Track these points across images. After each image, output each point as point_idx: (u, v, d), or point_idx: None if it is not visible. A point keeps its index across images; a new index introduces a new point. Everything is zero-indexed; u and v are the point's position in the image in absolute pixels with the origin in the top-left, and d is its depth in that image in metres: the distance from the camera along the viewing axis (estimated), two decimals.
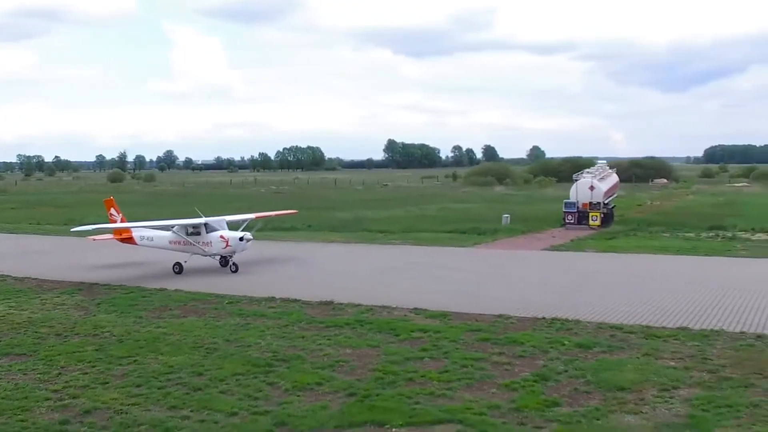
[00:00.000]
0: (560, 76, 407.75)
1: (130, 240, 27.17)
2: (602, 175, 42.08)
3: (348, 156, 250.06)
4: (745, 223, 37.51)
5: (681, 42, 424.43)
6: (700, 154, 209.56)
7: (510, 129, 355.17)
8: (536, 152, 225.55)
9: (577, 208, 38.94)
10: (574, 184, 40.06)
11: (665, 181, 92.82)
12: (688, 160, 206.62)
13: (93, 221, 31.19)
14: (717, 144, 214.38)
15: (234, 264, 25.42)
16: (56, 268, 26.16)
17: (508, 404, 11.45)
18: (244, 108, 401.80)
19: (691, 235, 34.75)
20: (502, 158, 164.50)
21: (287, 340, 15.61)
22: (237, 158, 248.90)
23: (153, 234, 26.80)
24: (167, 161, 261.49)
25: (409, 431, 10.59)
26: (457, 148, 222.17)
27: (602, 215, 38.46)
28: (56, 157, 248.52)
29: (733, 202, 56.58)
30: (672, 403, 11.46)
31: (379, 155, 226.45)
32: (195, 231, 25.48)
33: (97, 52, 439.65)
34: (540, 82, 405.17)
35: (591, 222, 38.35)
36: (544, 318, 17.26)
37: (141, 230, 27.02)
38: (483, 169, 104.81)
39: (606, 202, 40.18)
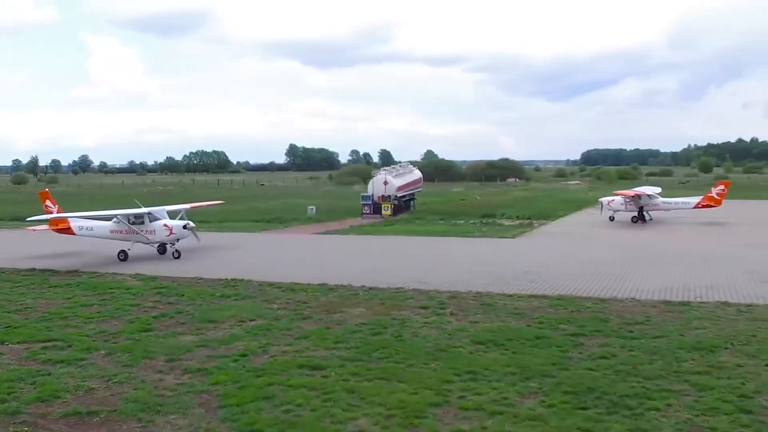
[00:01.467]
0: (455, 86, 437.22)
1: (67, 230, 27.39)
2: (399, 172, 47.03)
3: (256, 160, 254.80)
4: (515, 212, 43.18)
5: (563, 56, 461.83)
6: (578, 157, 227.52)
7: (409, 134, 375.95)
8: (429, 155, 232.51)
9: (373, 200, 43.56)
10: (371, 180, 44.70)
11: (516, 179, 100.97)
12: (567, 162, 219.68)
13: None
14: (593, 148, 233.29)
15: (177, 251, 26.29)
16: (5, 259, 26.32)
17: None
18: (160, 115, 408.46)
19: (461, 222, 39.86)
20: (399, 161, 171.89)
21: None
22: (151, 162, 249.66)
23: (93, 224, 27.24)
24: (82, 165, 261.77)
25: None
26: (354, 152, 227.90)
27: (393, 206, 43.19)
28: None
29: (540, 196, 63.25)
30: (238, 327, 15.31)
31: (282, 159, 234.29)
32: (138, 220, 26.21)
33: (19, 60, 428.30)
34: (436, 92, 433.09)
35: (384, 212, 42.98)
36: (224, 279, 21.32)
37: (79, 221, 27.38)
38: (350, 170, 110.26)
39: (400, 195, 44.98)
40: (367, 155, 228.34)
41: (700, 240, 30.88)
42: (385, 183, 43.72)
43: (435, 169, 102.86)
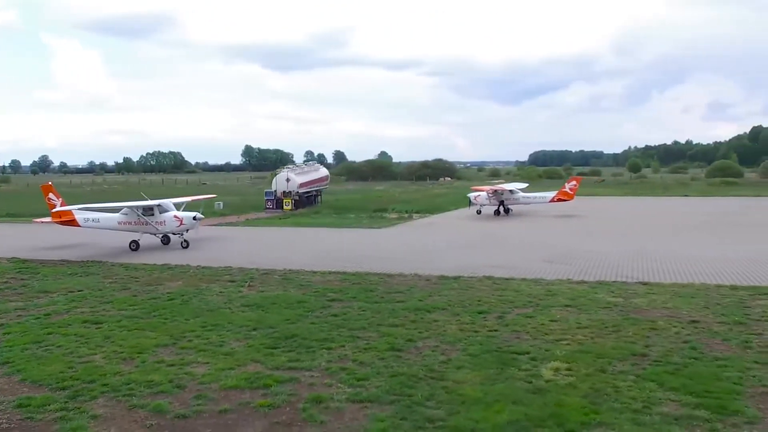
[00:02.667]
0: (410, 89, 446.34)
1: (72, 222, 27.73)
2: (303, 171, 50.00)
3: (215, 161, 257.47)
4: (407, 207, 46.34)
5: (514, 61, 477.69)
6: (526, 158, 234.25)
7: (365, 136, 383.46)
8: (383, 156, 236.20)
9: (275, 196, 46.31)
10: (275, 177, 47.49)
11: (449, 179, 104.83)
12: (516, 163, 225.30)
13: None
14: (540, 149, 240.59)
15: (185, 240, 27.51)
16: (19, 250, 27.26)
17: None
18: (122, 117, 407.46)
19: (352, 216, 42.79)
20: (353, 161, 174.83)
21: None
22: (111, 163, 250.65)
23: (99, 216, 27.87)
24: (42, 166, 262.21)
25: None
26: (309, 152, 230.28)
27: (294, 201, 45.97)
28: None
29: (451, 193, 66.39)
30: (63, 297, 17.84)
31: (239, 160, 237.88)
32: (149, 212, 27.19)
33: None
34: (392, 95, 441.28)
35: (285, 207, 45.73)
36: (83, 261, 23.79)
37: (84, 212, 28.02)
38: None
39: (303, 191, 47.80)
40: (321, 156, 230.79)
41: (535, 229, 34.22)
42: (288, 180, 46.53)
43: (372, 168, 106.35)
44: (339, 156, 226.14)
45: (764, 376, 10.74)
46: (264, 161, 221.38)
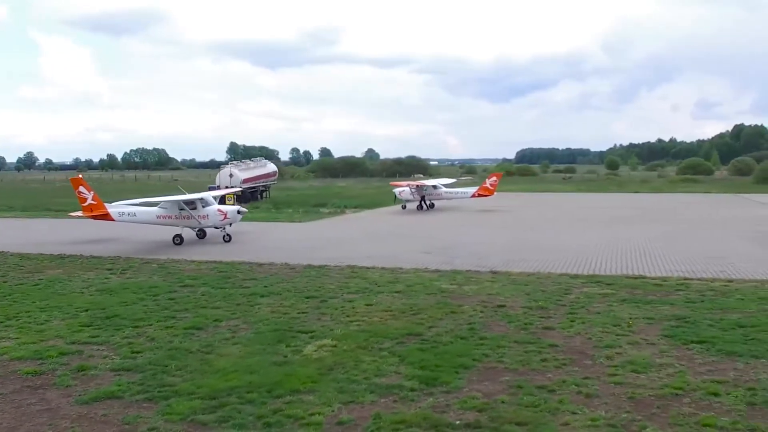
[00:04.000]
0: (400, 87, 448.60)
1: (106, 216, 27.02)
2: (249, 167, 50.99)
3: (202, 158, 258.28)
4: (346, 203, 47.36)
5: (504, 58, 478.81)
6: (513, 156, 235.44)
7: (354, 134, 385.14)
8: (371, 154, 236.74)
9: (218, 190, 47.18)
10: (219, 173, 48.42)
11: (421, 176, 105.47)
12: (503, 161, 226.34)
13: None
14: (527, 147, 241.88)
15: (228, 234, 27.48)
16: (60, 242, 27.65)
17: None
18: (110, 114, 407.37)
19: (290, 210, 43.73)
20: (327, 158, 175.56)
21: None
22: (97, 160, 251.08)
23: (135, 210, 27.47)
24: (27, 163, 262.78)
25: None
26: (295, 150, 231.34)
27: (236, 197, 46.78)
28: None
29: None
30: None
31: (224, 157, 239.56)
32: (192, 206, 26.91)
33: None
34: (382, 93, 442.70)
35: (227, 202, 46.48)
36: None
37: (120, 206, 27.68)
38: None
39: (246, 187, 48.68)
40: (307, 153, 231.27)
41: (443, 223, 35.33)
42: (231, 175, 47.51)
43: (345, 165, 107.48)
44: (325, 153, 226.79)
45: (508, 353, 11.56)
46: (249, 158, 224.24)
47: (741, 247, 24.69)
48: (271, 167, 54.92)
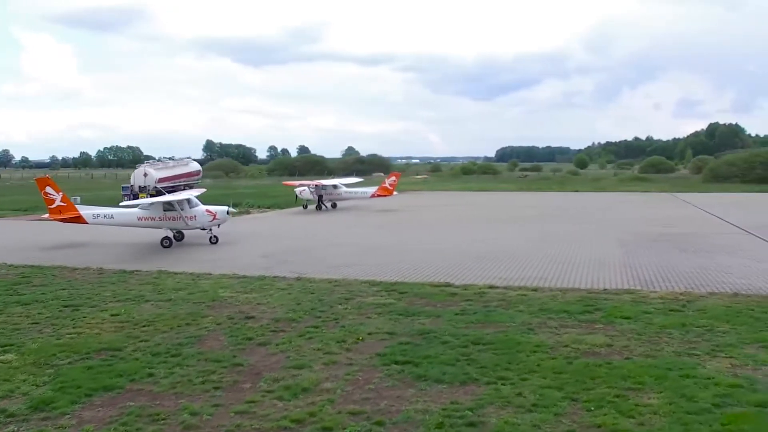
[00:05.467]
0: (383, 85, 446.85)
1: (77, 219, 25.24)
2: (167, 165, 49.84)
3: (183, 155, 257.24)
4: (261, 202, 46.42)
5: (487, 56, 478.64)
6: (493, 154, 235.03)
7: (337, 132, 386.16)
8: (350, 152, 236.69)
9: (131, 190, 46.10)
10: (134, 172, 47.27)
11: (382, 174, 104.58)
12: (485, 159, 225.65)
13: None
14: (507, 145, 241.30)
15: (215, 236, 25.95)
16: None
17: None
18: (92, 111, 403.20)
19: None
20: (287, 156, 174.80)
21: None
22: (76, 157, 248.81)
23: (112, 211, 25.85)
24: (2, 160, 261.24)
25: None
26: (272, 148, 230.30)
27: (149, 196, 45.60)
28: None
29: None
30: None
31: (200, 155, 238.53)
32: (178, 206, 25.22)
33: None
34: (366, 90, 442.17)
35: None
36: None
37: (93, 208, 26.13)
38: (216, 164, 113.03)
39: (162, 186, 47.44)
40: (285, 151, 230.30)
41: (327, 224, 34.56)
42: (145, 175, 46.34)
43: (306, 163, 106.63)
44: (303, 151, 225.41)
45: (180, 373, 10.49)
46: (226, 156, 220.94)
47: (603, 250, 23.63)
48: (194, 166, 53.86)
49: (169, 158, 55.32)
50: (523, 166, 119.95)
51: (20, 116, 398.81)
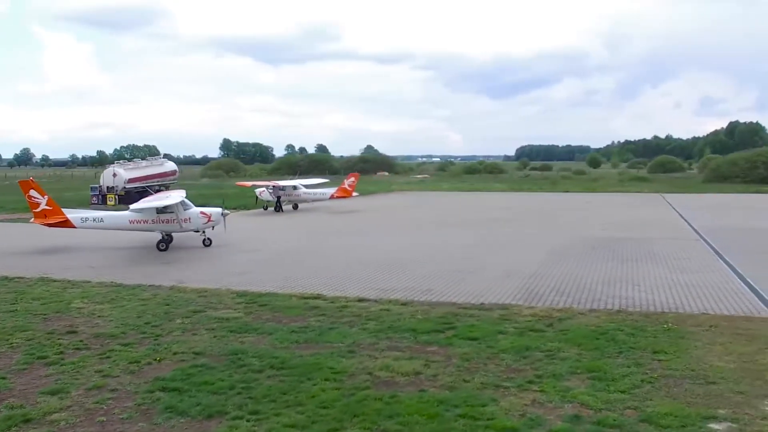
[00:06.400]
0: (401, 83, 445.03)
1: (65, 223, 24.49)
2: (137, 165, 49.45)
3: (200, 154, 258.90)
4: (235, 203, 45.45)
5: (506, 55, 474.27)
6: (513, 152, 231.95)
7: (354, 130, 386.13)
8: (369, 150, 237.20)
9: (100, 190, 45.80)
10: (103, 172, 46.97)
11: (386, 173, 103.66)
12: (504, 158, 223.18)
13: None
14: (526, 144, 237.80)
15: (208, 238, 25.45)
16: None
17: None
18: (110, 110, 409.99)
19: None
20: (295, 154, 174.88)
21: None
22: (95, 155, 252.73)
23: (102, 214, 25.30)
24: (23, 159, 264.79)
25: None
26: (290, 146, 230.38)
27: (118, 197, 45.35)
28: None
29: None
30: None
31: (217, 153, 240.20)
32: (170, 209, 24.47)
33: None
34: (383, 89, 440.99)
35: (108, 202, 45.10)
36: None
37: (81, 211, 25.70)
38: (217, 164, 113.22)
39: (131, 187, 47.12)
40: (303, 149, 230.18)
41: (270, 227, 34.04)
42: (114, 175, 45.97)
43: (310, 162, 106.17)
44: (321, 149, 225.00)
45: None
46: (243, 155, 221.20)
47: (524, 258, 22.35)
48: (170, 166, 53.31)
49: (142, 158, 54.91)
50: (533, 165, 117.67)
51: (41, 115, 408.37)
